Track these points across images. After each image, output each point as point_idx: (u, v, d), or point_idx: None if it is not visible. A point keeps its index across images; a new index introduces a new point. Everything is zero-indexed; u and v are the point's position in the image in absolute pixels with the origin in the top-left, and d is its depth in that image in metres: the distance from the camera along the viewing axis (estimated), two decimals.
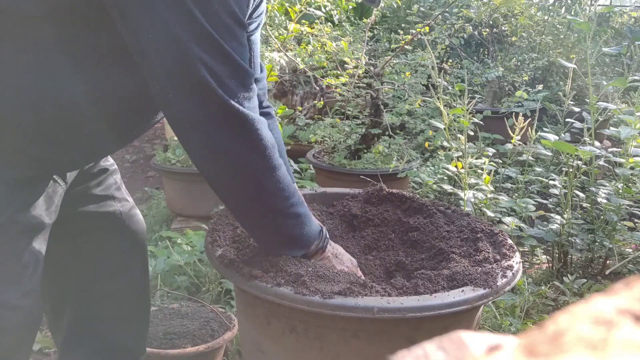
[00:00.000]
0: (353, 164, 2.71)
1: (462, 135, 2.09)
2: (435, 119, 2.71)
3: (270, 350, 1.01)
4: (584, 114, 2.33)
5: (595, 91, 2.98)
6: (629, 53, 4.14)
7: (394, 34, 3.59)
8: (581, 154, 1.98)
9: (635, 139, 2.08)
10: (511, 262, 1.05)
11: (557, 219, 2.09)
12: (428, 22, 3.15)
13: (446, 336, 0.27)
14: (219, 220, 1.18)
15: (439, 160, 2.72)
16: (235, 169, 0.91)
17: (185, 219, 2.71)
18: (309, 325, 0.94)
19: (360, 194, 1.37)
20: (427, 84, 2.68)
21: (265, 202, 0.95)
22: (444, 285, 0.96)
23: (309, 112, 3.40)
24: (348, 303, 0.87)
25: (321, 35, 2.88)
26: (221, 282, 1.97)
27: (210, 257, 1.06)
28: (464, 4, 4.38)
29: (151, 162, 2.84)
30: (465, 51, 4.75)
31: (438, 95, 2.18)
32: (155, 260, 2.05)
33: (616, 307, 0.24)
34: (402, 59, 3.09)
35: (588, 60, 2.25)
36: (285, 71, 3.43)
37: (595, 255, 2.22)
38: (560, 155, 2.53)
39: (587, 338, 0.22)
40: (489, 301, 0.95)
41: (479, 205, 2.03)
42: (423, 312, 0.87)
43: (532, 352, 0.23)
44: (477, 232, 1.18)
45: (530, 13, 4.57)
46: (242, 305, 1.08)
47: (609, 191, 2.16)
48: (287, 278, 0.94)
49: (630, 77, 2.54)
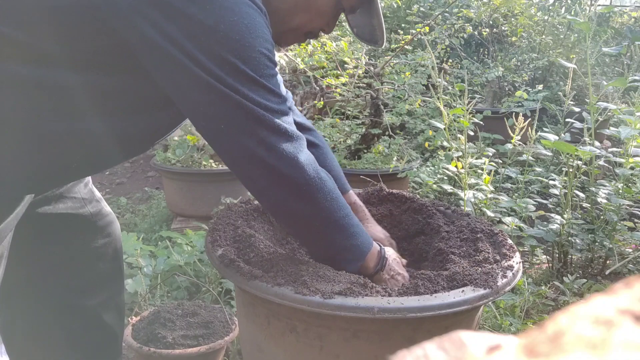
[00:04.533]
0: (353, 164, 2.71)
1: (462, 135, 2.09)
2: (435, 119, 2.71)
3: (270, 350, 1.01)
4: (584, 114, 2.33)
5: (595, 91, 2.98)
6: (629, 53, 4.14)
7: (394, 34, 3.59)
8: (581, 154, 1.98)
9: (635, 139, 2.08)
10: (511, 262, 1.05)
11: (557, 219, 2.09)
12: (428, 22, 3.15)
13: (446, 336, 0.27)
14: (219, 220, 1.18)
15: (439, 160, 2.72)
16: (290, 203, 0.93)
17: (185, 219, 2.71)
18: (309, 325, 0.94)
19: (360, 194, 1.37)
20: (427, 84, 2.68)
21: (318, 217, 0.96)
22: (444, 286, 0.96)
23: (309, 112, 3.39)
24: (348, 303, 0.87)
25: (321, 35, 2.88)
26: (221, 282, 1.97)
27: (210, 257, 1.06)
28: (464, 4, 4.38)
29: (151, 162, 2.84)
30: (465, 51, 4.75)
31: (438, 95, 2.18)
32: (156, 260, 2.05)
33: (616, 307, 0.24)
34: (402, 59, 3.09)
35: (588, 60, 2.25)
36: (285, 71, 3.43)
37: (595, 255, 2.22)
38: (560, 155, 2.53)
39: (587, 338, 0.22)
40: (489, 301, 0.95)
41: (479, 205, 2.03)
42: (423, 312, 0.87)
43: (532, 352, 0.23)
44: (477, 232, 1.18)
45: (530, 13, 4.57)
46: (243, 305, 1.08)
47: (609, 191, 2.16)
48: (287, 278, 0.94)
49: (630, 77, 2.54)
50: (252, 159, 0.88)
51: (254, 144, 0.87)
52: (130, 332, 1.57)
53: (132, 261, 2.03)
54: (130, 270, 2.00)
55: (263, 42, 0.87)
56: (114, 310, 1.26)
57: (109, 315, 1.25)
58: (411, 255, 1.23)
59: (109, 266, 1.24)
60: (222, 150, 0.92)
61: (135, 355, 1.58)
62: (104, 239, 1.22)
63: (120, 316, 1.29)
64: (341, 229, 0.97)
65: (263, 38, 0.87)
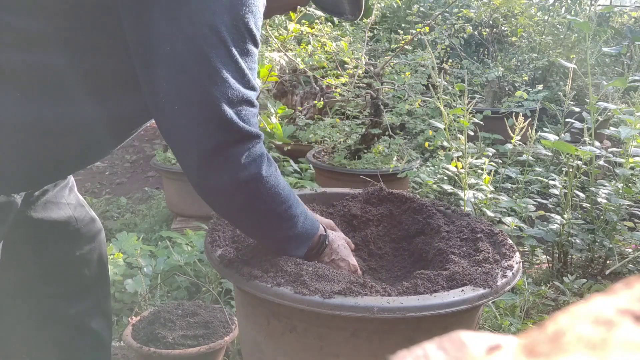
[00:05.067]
0: (353, 164, 2.71)
1: (462, 135, 2.09)
2: (435, 119, 2.71)
3: (270, 350, 1.01)
4: (584, 114, 2.33)
5: (595, 91, 2.98)
6: (629, 53, 4.14)
7: (394, 34, 3.59)
8: (581, 154, 1.98)
9: (635, 139, 2.08)
10: (511, 262, 1.05)
11: (557, 219, 2.09)
12: (428, 22, 3.15)
13: (446, 336, 0.27)
14: (218, 220, 1.18)
15: (439, 160, 2.72)
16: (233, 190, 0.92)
17: (185, 219, 2.71)
18: (309, 325, 0.94)
19: (360, 194, 1.37)
20: (427, 84, 2.67)
21: (261, 210, 0.95)
22: (444, 285, 0.96)
23: (309, 112, 3.40)
24: (348, 303, 0.87)
25: (321, 35, 2.88)
26: (221, 282, 1.97)
27: (210, 257, 1.06)
28: (464, 4, 4.38)
29: (151, 162, 2.84)
30: (465, 51, 4.75)
31: (438, 95, 2.18)
32: (156, 260, 2.05)
33: (616, 307, 0.24)
34: (402, 59, 3.09)
35: (588, 60, 2.25)
36: (285, 71, 3.43)
37: (595, 255, 2.22)
38: (560, 155, 2.53)
39: (587, 338, 0.22)
40: (489, 301, 0.95)
41: (479, 205, 2.03)
42: (423, 312, 0.87)
43: (532, 352, 0.23)
44: (477, 232, 1.18)
45: (530, 13, 4.57)
46: (242, 305, 1.08)
47: (609, 191, 2.16)
48: (287, 278, 0.94)
49: (630, 77, 2.54)
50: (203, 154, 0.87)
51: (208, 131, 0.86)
52: (130, 332, 1.57)
53: (132, 261, 2.03)
54: (130, 270, 2.00)
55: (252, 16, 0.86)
56: (101, 316, 1.25)
57: (95, 322, 1.23)
58: (411, 255, 1.23)
59: (94, 272, 1.22)
60: (170, 125, 0.88)
61: (135, 355, 1.58)
62: (89, 245, 1.20)
63: (107, 321, 1.27)
64: (285, 221, 0.97)
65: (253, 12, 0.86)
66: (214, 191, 0.92)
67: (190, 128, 0.85)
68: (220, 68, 0.83)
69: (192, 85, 0.84)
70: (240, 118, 0.86)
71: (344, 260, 1.08)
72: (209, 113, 0.84)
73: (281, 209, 0.95)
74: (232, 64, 0.85)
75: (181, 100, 0.84)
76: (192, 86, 0.84)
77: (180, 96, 0.84)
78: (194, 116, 0.85)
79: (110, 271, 1.90)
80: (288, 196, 0.96)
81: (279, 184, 0.94)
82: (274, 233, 1.00)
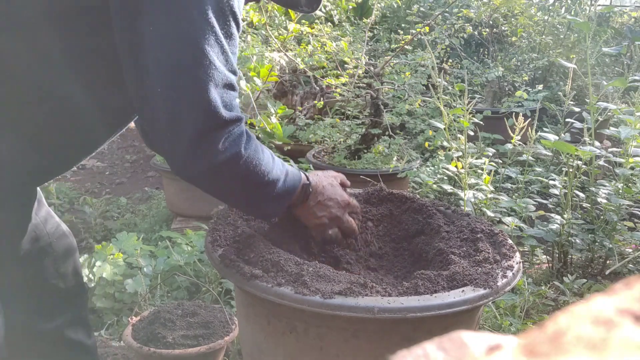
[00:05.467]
0: (353, 164, 2.71)
1: (462, 135, 2.09)
2: (435, 119, 2.71)
3: (270, 350, 1.01)
4: (584, 114, 2.33)
5: (595, 91, 2.98)
6: (629, 53, 4.14)
7: (394, 34, 3.59)
8: (581, 154, 1.98)
9: (635, 139, 2.08)
10: (511, 262, 1.05)
11: (557, 219, 2.09)
12: (428, 22, 3.15)
13: (446, 336, 0.27)
14: (219, 220, 1.18)
15: (439, 160, 2.72)
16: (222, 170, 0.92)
17: (185, 219, 2.71)
18: (309, 325, 0.94)
19: (360, 194, 1.37)
20: (427, 84, 2.67)
21: (244, 185, 0.96)
22: (444, 286, 0.96)
23: (309, 112, 3.39)
24: (348, 303, 0.87)
25: (321, 35, 2.88)
26: (221, 282, 1.97)
27: (210, 257, 1.06)
28: (464, 4, 4.38)
29: (151, 162, 2.84)
30: (465, 51, 4.75)
31: (438, 95, 2.18)
32: (155, 260, 2.05)
33: (616, 307, 0.24)
34: (402, 59, 3.09)
35: (588, 60, 2.25)
36: (285, 71, 3.43)
37: (595, 255, 2.22)
38: (560, 155, 2.53)
39: (587, 338, 0.22)
40: (489, 301, 0.95)
41: (479, 205, 2.03)
42: (423, 312, 0.87)
43: (532, 352, 0.23)
44: (477, 232, 1.18)
45: (530, 13, 4.57)
46: (242, 305, 1.08)
47: (609, 191, 2.16)
48: (287, 278, 0.94)
49: (630, 77, 2.54)
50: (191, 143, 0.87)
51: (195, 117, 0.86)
52: (130, 332, 1.57)
53: (132, 261, 2.03)
54: (130, 270, 2.00)
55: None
56: (80, 325, 1.24)
57: (75, 332, 1.22)
58: (411, 256, 1.23)
59: (71, 284, 1.21)
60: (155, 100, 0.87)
61: (135, 355, 1.58)
62: (64, 258, 1.18)
63: (87, 329, 1.26)
64: (265, 186, 0.97)
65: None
66: (197, 173, 0.92)
67: (177, 112, 0.85)
68: (208, 51, 0.83)
69: (179, 68, 0.84)
70: (224, 102, 0.87)
71: (331, 199, 1.08)
72: (196, 96, 0.84)
73: (263, 180, 0.96)
74: (218, 46, 0.85)
75: (169, 83, 0.84)
76: (179, 69, 0.84)
77: (167, 79, 0.84)
78: (181, 99, 0.85)
79: (110, 271, 1.91)
80: (268, 164, 0.96)
81: (259, 157, 0.94)
82: (256, 201, 1.01)
